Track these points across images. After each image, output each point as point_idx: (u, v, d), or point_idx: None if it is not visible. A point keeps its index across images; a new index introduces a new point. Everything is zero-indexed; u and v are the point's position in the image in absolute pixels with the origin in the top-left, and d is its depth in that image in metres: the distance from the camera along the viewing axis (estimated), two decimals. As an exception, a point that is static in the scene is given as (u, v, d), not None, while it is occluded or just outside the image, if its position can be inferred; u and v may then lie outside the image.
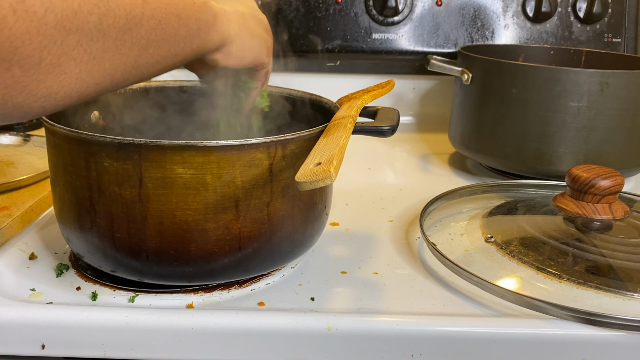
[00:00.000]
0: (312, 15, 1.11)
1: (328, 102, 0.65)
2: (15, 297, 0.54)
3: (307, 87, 0.73)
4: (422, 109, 1.20)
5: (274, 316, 0.51)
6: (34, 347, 0.51)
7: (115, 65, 0.40)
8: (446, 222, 0.70)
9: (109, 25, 0.38)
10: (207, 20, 0.49)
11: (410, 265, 0.62)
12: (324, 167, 0.44)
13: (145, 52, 0.42)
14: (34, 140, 0.94)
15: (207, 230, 0.51)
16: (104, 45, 0.38)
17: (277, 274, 0.59)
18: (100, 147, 0.49)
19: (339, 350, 0.51)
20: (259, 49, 0.57)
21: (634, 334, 0.50)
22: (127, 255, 0.52)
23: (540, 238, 0.63)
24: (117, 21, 0.39)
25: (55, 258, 0.61)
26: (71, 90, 0.38)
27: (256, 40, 0.56)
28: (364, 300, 0.55)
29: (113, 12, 0.38)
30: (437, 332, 0.51)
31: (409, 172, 0.96)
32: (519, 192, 0.79)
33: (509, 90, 0.84)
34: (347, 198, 0.79)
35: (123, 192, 0.50)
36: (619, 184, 0.64)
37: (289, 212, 0.54)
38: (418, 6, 1.11)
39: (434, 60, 0.95)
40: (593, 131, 0.81)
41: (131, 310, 0.51)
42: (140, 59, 0.42)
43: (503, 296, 0.54)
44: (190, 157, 0.49)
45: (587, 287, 0.55)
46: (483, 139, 0.90)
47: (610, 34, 1.12)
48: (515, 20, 1.12)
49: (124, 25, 0.39)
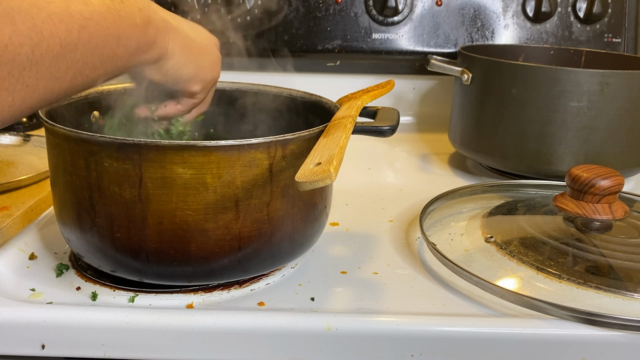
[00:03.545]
0: (312, 15, 1.10)
1: (328, 102, 0.65)
2: (15, 297, 0.54)
3: (307, 87, 0.73)
4: (422, 109, 1.20)
5: (274, 316, 0.51)
6: (34, 347, 0.51)
7: (49, 89, 0.39)
8: (446, 222, 0.70)
9: (42, 54, 0.37)
10: (147, 40, 0.48)
11: (410, 265, 0.62)
12: (324, 167, 0.44)
13: (81, 75, 0.42)
14: (34, 140, 0.94)
15: (207, 230, 0.51)
16: (37, 73, 0.38)
17: (277, 274, 0.59)
18: (100, 147, 0.49)
19: (339, 350, 0.51)
20: (193, 75, 0.56)
21: (634, 334, 0.50)
22: (127, 255, 0.52)
23: (540, 238, 0.63)
24: (51, 49, 0.38)
25: (55, 258, 0.61)
26: (3, 117, 0.38)
27: (192, 67, 0.55)
28: (364, 300, 0.55)
29: (46, 41, 0.38)
30: (437, 332, 0.51)
31: (409, 172, 0.96)
32: (519, 192, 0.79)
33: (509, 90, 0.84)
34: (347, 198, 0.79)
35: (123, 192, 0.50)
36: (619, 184, 0.64)
37: (289, 212, 0.54)
38: (418, 6, 1.11)
39: (434, 60, 0.95)
40: (593, 131, 0.81)
41: (131, 310, 0.51)
42: (75, 81, 0.41)
43: (503, 296, 0.54)
44: (190, 157, 0.49)
45: (587, 287, 0.55)
46: (483, 139, 0.90)
47: (610, 34, 1.12)
48: (515, 20, 1.12)
49: (58, 52, 0.39)
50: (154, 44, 0.49)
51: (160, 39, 0.50)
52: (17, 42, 0.36)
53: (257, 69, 0.94)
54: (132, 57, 0.47)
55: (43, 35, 0.37)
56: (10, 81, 0.36)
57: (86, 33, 0.41)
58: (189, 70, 0.55)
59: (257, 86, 0.71)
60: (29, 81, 0.37)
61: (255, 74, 0.87)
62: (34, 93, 0.38)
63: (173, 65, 0.53)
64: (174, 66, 0.53)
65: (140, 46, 0.47)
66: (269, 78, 0.81)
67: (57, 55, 0.38)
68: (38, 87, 0.38)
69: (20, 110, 0.38)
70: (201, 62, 0.56)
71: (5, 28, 0.35)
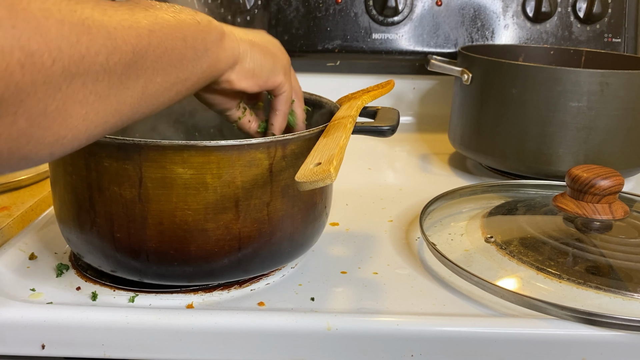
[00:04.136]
0: (312, 15, 1.10)
1: (328, 102, 0.65)
2: (15, 297, 0.54)
3: (307, 87, 0.73)
4: (422, 109, 1.20)
5: (274, 316, 0.51)
6: (34, 347, 0.51)
7: (122, 100, 0.38)
8: (446, 222, 0.70)
9: (116, 62, 0.36)
10: (214, 39, 0.46)
11: (410, 265, 0.62)
12: (324, 167, 0.44)
13: (152, 82, 0.40)
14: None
15: (207, 230, 0.51)
16: (109, 82, 0.36)
17: (277, 274, 0.59)
18: (101, 147, 0.49)
19: (339, 350, 0.51)
20: (272, 66, 0.54)
21: (634, 334, 0.50)
22: (127, 255, 0.52)
23: (540, 238, 0.63)
24: (124, 57, 0.37)
25: (55, 258, 0.61)
26: (79, 132, 0.36)
27: (269, 58, 0.53)
28: (364, 300, 0.55)
29: (120, 48, 0.36)
30: (437, 332, 0.51)
31: (409, 172, 0.96)
32: (519, 192, 0.79)
33: (509, 90, 0.84)
34: (347, 198, 0.79)
35: (123, 192, 0.50)
36: (619, 184, 0.64)
37: (289, 212, 0.54)
38: (418, 6, 1.11)
39: (434, 60, 0.95)
40: (593, 131, 0.81)
41: (131, 310, 0.51)
42: (147, 89, 0.40)
43: (503, 296, 0.54)
44: (190, 157, 0.49)
45: (587, 287, 0.55)
46: (483, 139, 0.90)
47: (610, 34, 1.12)
48: (515, 20, 1.12)
49: (130, 59, 0.37)
50: (222, 44, 0.47)
51: (228, 39, 0.48)
52: (94, 52, 0.34)
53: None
54: (203, 61, 0.45)
55: (117, 42, 0.36)
56: (84, 92, 0.35)
57: (155, 37, 0.39)
58: (268, 62, 0.53)
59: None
60: (102, 92, 0.36)
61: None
62: (107, 104, 0.37)
63: (252, 62, 0.51)
64: (254, 62, 0.51)
65: (208, 47, 0.46)
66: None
67: (129, 62, 0.37)
68: (110, 97, 0.37)
69: (95, 124, 0.37)
70: (270, 49, 0.54)
71: (83, 37, 0.34)
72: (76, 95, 0.34)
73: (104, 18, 0.35)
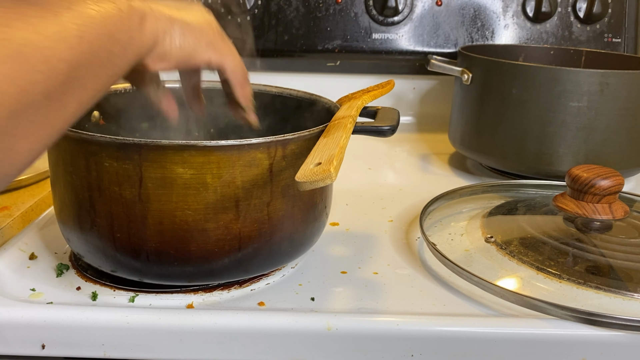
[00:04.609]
0: (312, 15, 1.10)
1: (328, 102, 0.65)
2: (15, 297, 0.54)
3: (307, 87, 0.73)
4: (422, 109, 1.20)
5: (274, 316, 0.51)
6: (34, 347, 0.51)
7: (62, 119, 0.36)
8: (446, 222, 0.70)
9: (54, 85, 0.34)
10: (136, 25, 0.43)
11: (410, 265, 0.62)
12: (324, 167, 0.44)
13: (86, 90, 0.38)
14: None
15: (207, 230, 0.51)
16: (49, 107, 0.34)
17: (277, 274, 0.59)
18: (101, 147, 0.49)
19: (339, 350, 0.51)
20: (195, 43, 0.49)
21: (634, 334, 0.50)
22: (127, 255, 0.52)
23: (540, 238, 0.63)
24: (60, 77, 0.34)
25: (55, 258, 0.61)
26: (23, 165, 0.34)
27: (190, 34, 0.49)
28: (364, 300, 0.55)
29: (56, 69, 0.34)
30: (437, 332, 0.51)
31: (409, 172, 0.96)
32: (519, 192, 0.79)
33: (509, 90, 0.84)
34: (347, 198, 0.79)
35: (123, 192, 0.50)
36: (619, 184, 0.64)
37: (289, 212, 0.54)
38: (418, 6, 1.11)
39: (434, 60, 0.95)
40: (593, 131, 0.81)
41: (131, 310, 0.51)
42: (82, 99, 0.38)
43: (503, 296, 0.54)
44: (190, 157, 0.49)
45: (587, 287, 0.55)
46: (483, 139, 0.90)
47: (610, 34, 1.12)
48: (515, 20, 1.12)
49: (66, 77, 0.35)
50: (142, 29, 0.44)
51: (148, 20, 0.44)
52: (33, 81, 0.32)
53: (258, 69, 0.94)
54: (129, 52, 0.42)
55: (52, 63, 0.33)
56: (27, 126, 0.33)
57: (85, 43, 0.37)
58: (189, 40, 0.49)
59: (258, 86, 0.71)
60: (43, 119, 0.34)
61: (255, 74, 0.87)
62: (49, 129, 0.35)
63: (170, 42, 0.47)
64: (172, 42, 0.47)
65: (132, 36, 0.42)
66: (269, 78, 0.81)
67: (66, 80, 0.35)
68: (50, 121, 0.35)
69: (38, 151, 0.35)
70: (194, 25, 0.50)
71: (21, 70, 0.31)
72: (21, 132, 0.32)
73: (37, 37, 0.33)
